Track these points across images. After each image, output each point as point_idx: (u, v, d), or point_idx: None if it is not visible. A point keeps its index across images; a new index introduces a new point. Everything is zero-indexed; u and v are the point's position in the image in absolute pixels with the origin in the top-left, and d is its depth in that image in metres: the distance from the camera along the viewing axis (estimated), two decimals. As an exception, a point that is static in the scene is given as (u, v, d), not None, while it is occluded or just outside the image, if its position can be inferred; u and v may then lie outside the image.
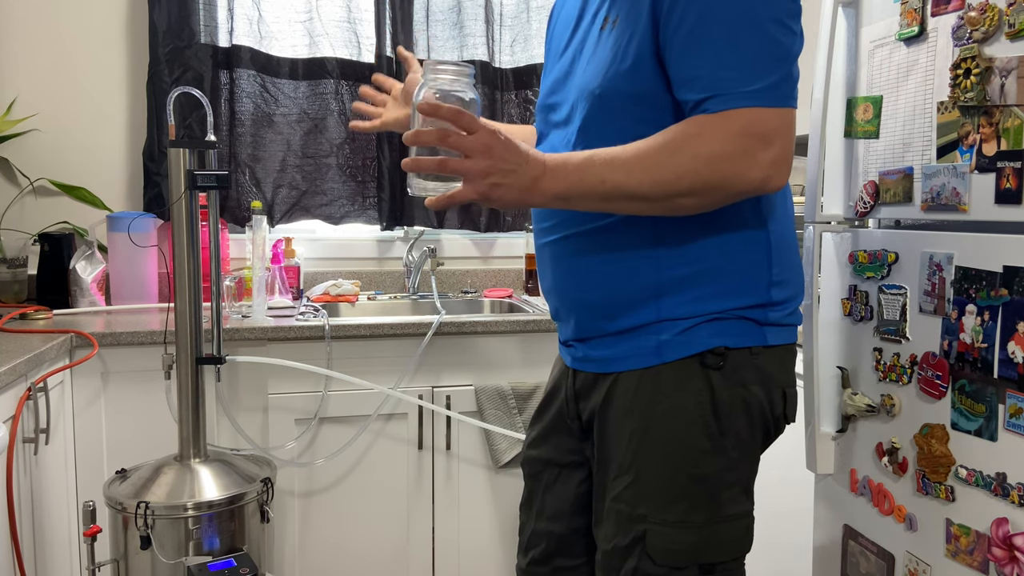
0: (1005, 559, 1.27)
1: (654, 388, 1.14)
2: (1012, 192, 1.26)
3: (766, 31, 1.03)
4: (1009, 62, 1.26)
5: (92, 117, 2.40)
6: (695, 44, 1.02)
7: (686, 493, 1.14)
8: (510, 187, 1.02)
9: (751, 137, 1.00)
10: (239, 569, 1.53)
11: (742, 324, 1.14)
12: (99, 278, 2.25)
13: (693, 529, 1.14)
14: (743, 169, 1.01)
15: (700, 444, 1.13)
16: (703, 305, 1.13)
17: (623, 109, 1.10)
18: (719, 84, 1.01)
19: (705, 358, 1.13)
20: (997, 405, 1.28)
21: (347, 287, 2.45)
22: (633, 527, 1.15)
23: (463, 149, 1.00)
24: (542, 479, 1.35)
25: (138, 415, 1.93)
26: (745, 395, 1.14)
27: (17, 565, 1.51)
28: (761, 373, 1.15)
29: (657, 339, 1.14)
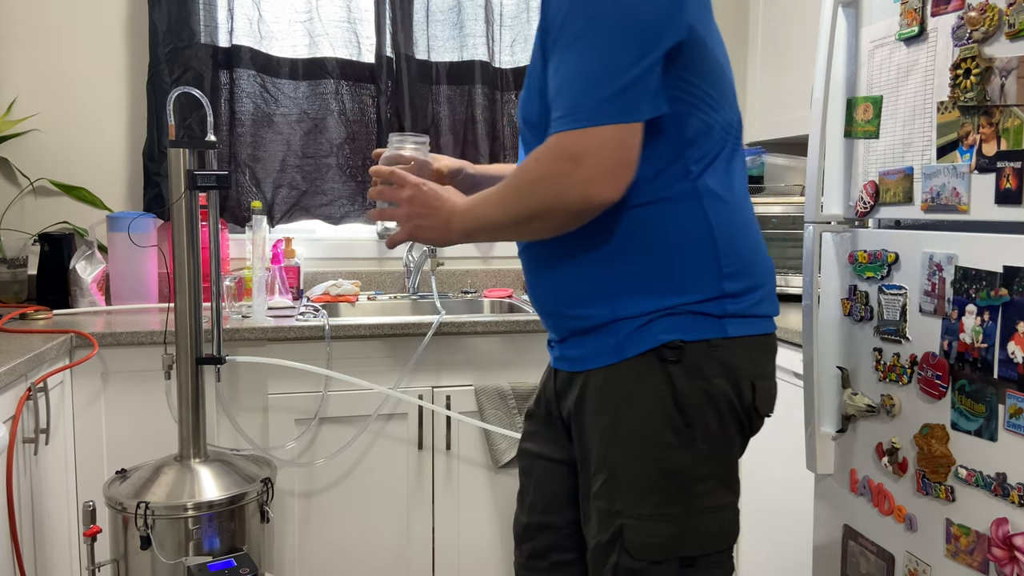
0: (1005, 559, 1.27)
1: (617, 385, 1.18)
2: (1012, 192, 1.26)
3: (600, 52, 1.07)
4: (1009, 62, 1.26)
5: (92, 117, 2.40)
6: (555, 72, 1.12)
7: (657, 487, 1.16)
8: (429, 228, 1.23)
9: (561, 160, 1.08)
10: (239, 569, 1.53)
11: (696, 318, 1.17)
12: (99, 278, 2.25)
13: (669, 522, 1.16)
14: (559, 191, 1.09)
15: (665, 438, 1.16)
16: (655, 302, 1.16)
17: (538, 129, 1.19)
18: (556, 112, 1.10)
19: (661, 352, 1.15)
20: (997, 405, 1.28)
21: (347, 287, 2.45)
22: (612, 523, 1.18)
23: (393, 200, 1.26)
24: (534, 473, 1.39)
25: (138, 415, 1.93)
26: (708, 388, 1.16)
27: (17, 565, 1.51)
28: (724, 366, 1.17)
29: (616, 337, 1.18)
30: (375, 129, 2.53)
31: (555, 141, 1.09)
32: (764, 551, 2.14)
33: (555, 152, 1.09)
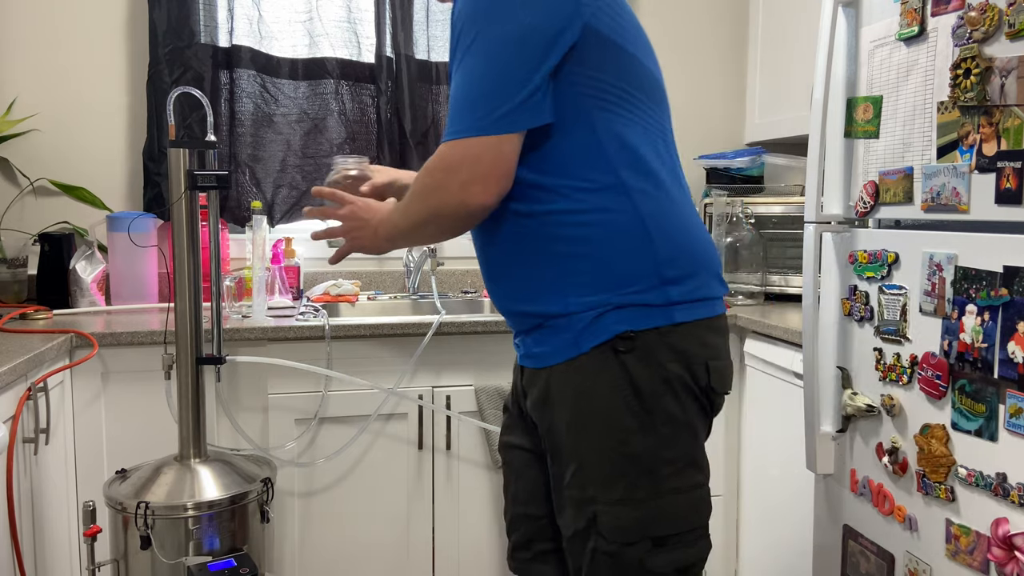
0: (1005, 559, 1.27)
1: (577, 378, 1.24)
2: (1012, 192, 1.26)
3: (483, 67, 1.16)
4: (1009, 62, 1.26)
5: (92, 117, 2.40)
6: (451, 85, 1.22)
7: (623, 472, 1.22)
8: (363, 238, 1.38)
9: (439, 171, 1.20)
10: (239, 569, 1.53)
11: (642, 309, 1.22)
12: (99, 278, 2.25)
13: (635, 505, 1.22)
14: (438, 200, 1.21)
15: (626, 424, 1.21)
16: (601, 296, 1.22)
17: None
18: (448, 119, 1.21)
19: (615, 343, 1.21)
20: (997, 405, 1.28)
21: (347, 287, 2.45)
22: (586, 510, 1.24)
23: (336, 219, 1.41)
24: (514, 465, 1.45)
25: (138, 415, 1.93)
26: (663, 373, 1.21)
27: (17, 565, 1.51)
28: (676, 351, 1.22)
29: (573, 332, 1.23)
30: (375, 129, 2.53)
31: (438, 152, 1.20)
32: (764, 551, 2.14)
33: (436, 163, 1.20)
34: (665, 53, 2.80)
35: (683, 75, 2.82)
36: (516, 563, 1.47)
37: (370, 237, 1.37)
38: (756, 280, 2.38)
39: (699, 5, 2.82)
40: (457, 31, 1.20)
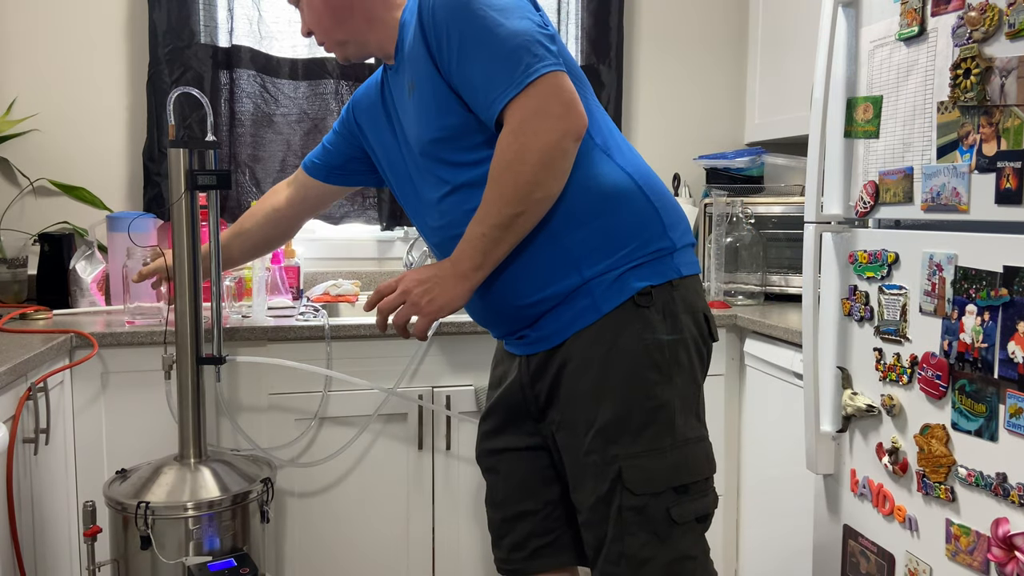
0: (1005, 559, 1.27)
1: (601, 339, 1.27)
2: (1012, 192, 1.26)
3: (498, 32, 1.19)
4: (1009, 62, 1.26)
5: (92, 117, 2.40)
6: (464, 71, 1.23)
7: (648, 423, 1.26)
8: (440, 293, 1.26)
9: (527, 120, 1.18)
10: (239, 569, 1.53)
11: (658, 262, 1.28)
12: (99, 278, 2.25)
13: (661, 455, 1.26)
14: (542, 143, 1.18)
15: (651, 376, 1.26)
16: (616, 252, 1.27)
17: (454, 140, 1.29)
18: (488, 95, 1.20)
19: (637, 299, 1.26)
20: (997, 405, 1.28)
21: (347, 287, 2.45)
22: (609, 470, 1.26)
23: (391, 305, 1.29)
24: (500, 469, 1.46)
25: (138, 415, 1.93)
26: (678, 324, 1.28)
27: (17, 565, 1.51)
28: (684, 302, 1.30)
29: (591, 297, 1.27)
30: (375, 129, 2.53)
31: (511, 114, 1.18)
32: (764, 551, 2.14)
33: (515, 124, 1.18)
34: (665, 53, 2.80)
35: (683, 75, 2.82)
36: (512, 564, 1.47)
37: (450, 286, 1.26)
38: (756, 280, 2.38)
39: (699, 5, 2.82)
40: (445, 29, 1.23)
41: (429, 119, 1.30)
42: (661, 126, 2.82)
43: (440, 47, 1.24)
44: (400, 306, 1.28)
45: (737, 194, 2.49)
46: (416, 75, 1.31)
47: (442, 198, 1.34)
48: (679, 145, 2.82)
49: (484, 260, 1.24)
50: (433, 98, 1.28)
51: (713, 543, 2.32)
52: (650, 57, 2.79)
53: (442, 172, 1.33)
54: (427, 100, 1.29)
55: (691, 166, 2.79)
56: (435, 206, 1.37)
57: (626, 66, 2.74)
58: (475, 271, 1.25)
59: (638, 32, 2.78)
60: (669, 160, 2.80)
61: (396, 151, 1.47)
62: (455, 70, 1.24)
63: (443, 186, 1.34)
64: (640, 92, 2.80)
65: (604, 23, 2.64)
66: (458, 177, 1.31)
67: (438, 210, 1.36)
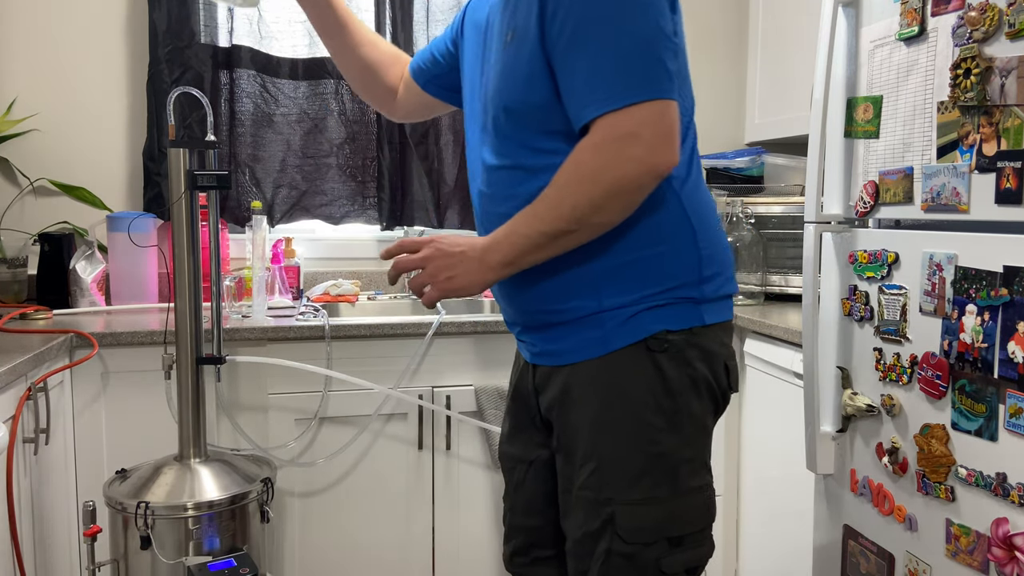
0: (1005, 559, 1.27)
1: (606, 376, 1.20)
2: (1012, 192, 1.26)
3: (627, 29, 1.08)
4: (1009, 62, 1.26)
5: (92, 117, 2.40)
6: (568, 56, 1.11)
7: (647, 471, 1.19)
8: (462, 275, 1.18)
9: (616, 141, 1.08)
10: (239, 569, 1.53)
11: (680, 307, 1.21)
12: (99, 278, 2.25)
13: (657, 505, 1.20)
14: (622, 172, 1.09)
15: (655, 423, 1.19)
16: (640, 291, 1.19)
17: (529, 119, 1.18)
18: (585, 95, 1.10)
19: (649, 343, 1.19)
20: (997, 405, 1.28)
21: (347, 287, 2.45)
22: (601, 511, 1.21)
23: (409, 265, 1.21)
24: (513, 476, 1.42)
25: (138, 415, 1.93)
26: (691, 373, 1.21)
27: (17, 565, 1.51)
28: (702, 350, 1.22)
29: (602, 329, 1.20)
30: (375, 129, 2.53)
31: (601, 127, 1.09)
32: (764, 551, 2.14)
33: (604, 136, 1.09)
34: (665, 53, 2.80)
35: (683, 75, 2.82)
36: (515, 567, 1.46)
37: (472, 271, 1.18)
38: (756, 280, 2.38)
39: (699, 5, 2.82)
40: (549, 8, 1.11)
41: (512, 85, 1.18)
42: (661, 126, 2.81)
43: (555, 16, 1.11)
44: (418, 270, 1.21)
45: (737, 194, 2.49)
46: (517, 28, 1.17)
47: (496, 168, 1.24)
48: (679, 145, 2.82)
49: (517, 261, 1.17)
50: (527, 64, 1.15)
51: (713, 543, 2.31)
52: (650, 57, 2.79)
53: (504, 144, 1.22)
54: (518, 63, 1.17)
55: (691, 166, 2.78)
56: (487, 171, 1.27)
57: (626, 66, 2.74)
58: (503, 267, 1.18)
59: (638, 32, 2.78)
60: (669, 160, 2.80)
61: (476, 86, 1.32)
62: (561, 50, 1.11)
63: (500, 157, 1.23)
64: (640, 92, 2.79)
65: (604, 23, 2.64)
66: (519, 158, 1.21)
67: (488, 177, 1.26)
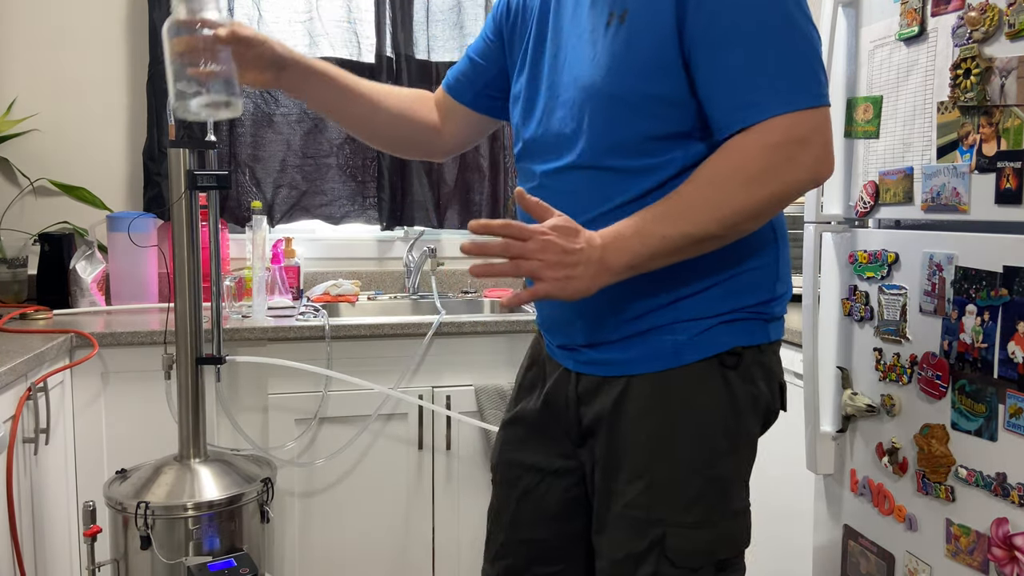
0: (1005, 559, 1.27)
1: (674, 391, 1.12)
2: (1012, 192, 1.26)
3: (792, 30, 1.01)
4: (1009, 62, 1.26)
5: (92, 117, 2.40)
6: (723, 51, 1.01)
7: (703, 494, 1.12)
8: (580, 277, 1.01)
9: (790, 144, 1.00)
10: (239, 569, 1.53)
11: (754, 323, 1.14)
12: (99, 278, 2.25)
13: (711, 528, 1.13)
14: (791, 178, 1.02)
15: (719, 445, 1.12)
16: (719, 304, 1.12)
17: (641, 113, 1.06)
18: (751, 94, 1.01)
19: (723, 359, 1.12)
20: (997, 405, 1.28)
21: (347, 287, 2.45)
22: (650, 531, 1.12)
23: (522, 254, 1.01)
24: (519, 485, 1.28)
25: (138, 415, 1.93)
26: (755, 392, 1.15)
27: (17, 565, 1.51)
28: (765, 369, 1.16)
29: (674, 340, 1.12)
30: (375, 129, 2.53)
31: (774, 128, 1.00)
32: (764, 551, 2.14)
33: (784, 136, 1.00)
34: (665, 53, 2.80)
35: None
36: None
37: (592, 275, 1.02)
38: (756, 280, 2.37)
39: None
40: None
41: (631, 72, 1.05)
42: (661, 126, 2.81)
43: (702, 3, 1.01)
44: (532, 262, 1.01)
45: (737, 194, 2.48)
46: (633, 7, 1.05)
47: (572, 168, 1.11)
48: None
49: (643, 265, 1.03)
50: (653, 51, 1.04)
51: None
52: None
53: (599, 142, 1.09)
54: (639, 49, 1.04)
55: (691, 166, 2.78)
56: (556, 170, 1.13)
57: (626, 66, 2.74)
58: (626, 271, 1.03)
59: (638, 32, 2.78)
60: (669, 160, 2.80)
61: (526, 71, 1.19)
62: (712, 42, 1.01)
63: (585, 156, 1.10)
64: (640, 92, 2.79)
65: (604, 23, 2.64)
66: (615, 159, 1.08)
67: (558, 175, 1.13)
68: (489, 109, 1.34)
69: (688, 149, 1.07)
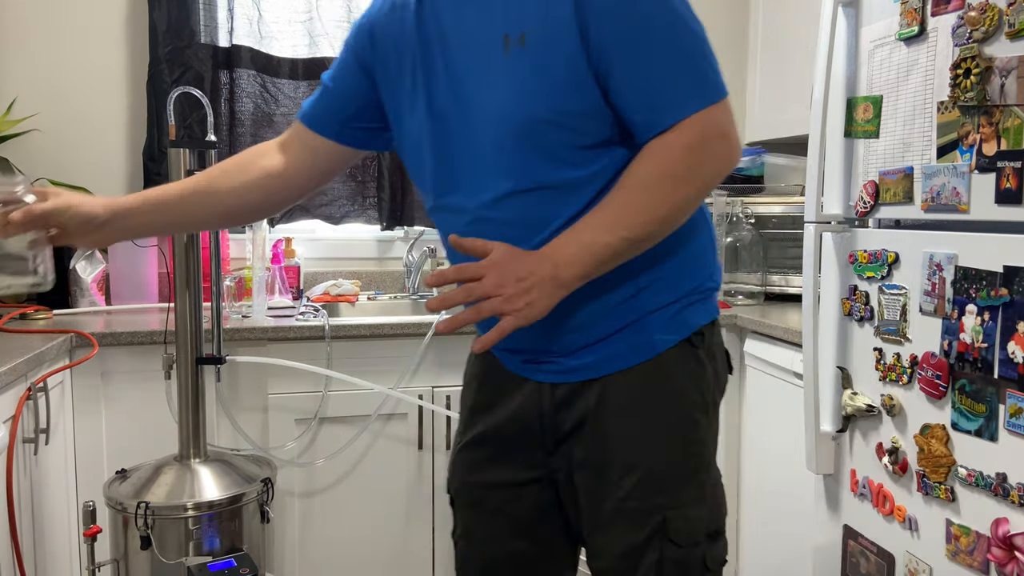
0: (1005, 559, 1.27)
1: (654, 380, 1.16)
2: (1012, 192, 1.26)
3: (686, 30, 1.07)
4: (1009, 62, 1.26)
5: (92, 117, 2.40)
6: (632, 59, 1.05)
7: (694, 471, 1.18)
8: (538, 298, 1.03)
9: (709, 139, 1.05)
10: (239, 569, 1.53)
11: (708, 301, 1.21)
12: (99, 278, 2.25)
13: (702, 501, 1.18)
14: (714, 169, 1.07)
15: (701, 420, 1.19)
16: (676, 288, 1.17)
17: (564, 130, 1.08)
18: (664, 97, 1.05)
19: (692, 340, 1.17)
20: (997, 405, 1.28)
21: (347, 287, 2.45)
22: (649, 520, 1.15)
23: (484, 294, 1.03)
24: (488, 505, 1.27)
25: (138, 415, 1.93)
26: (716, 366, 1.21)
27: (17, 565, 1.51)
28: (718, 341, 1.23)
29: (648, 334, 1.16)
30: (375, 129, 2.53)
31: (693, 125, 1.04)
32: (764, 551, 2.14)
33: (706, 133, 1.05)
34: (665, 53, 2.80)
35: (683, 75, 2.82)
36: None
37: (549, 293, 1.04)
38: (756, 280, 2.38)
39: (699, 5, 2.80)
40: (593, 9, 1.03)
41: (545, 93, 1.05)
42: (661, 126, 2.81)
43: (603, 16, 1.02)
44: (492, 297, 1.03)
45: (737, 194, 2.49)
46: (531, 29, 1.05)
47: (512, 195, 1.10)
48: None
49: (592, 273, 1.06)
50: (564, 69, 1.04)
51: (713, 543, 2.29)
52: (650, 57, 2.79)
53: (530, 164, 1.09)
54: (550, 69, 1.05)
55: (691, 166, 2.78)
56: (492, 201, 1.11)
57: (626, 66, 2.74)
58: (578, 282, 1.05)
59: (638, 32, 2.78)
60: (669, 160, 2.80)
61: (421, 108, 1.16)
62: (620, 52, 1.03)
63: (521, 181, 1.09)
64: (640, 92, 2.79)
65: (604, 23, 2.64)
66: (551, 175, 1.09)
67: (495, 206, 1.11)
68: (356, 141, 1.30)
69: (614, 154, 1.10)
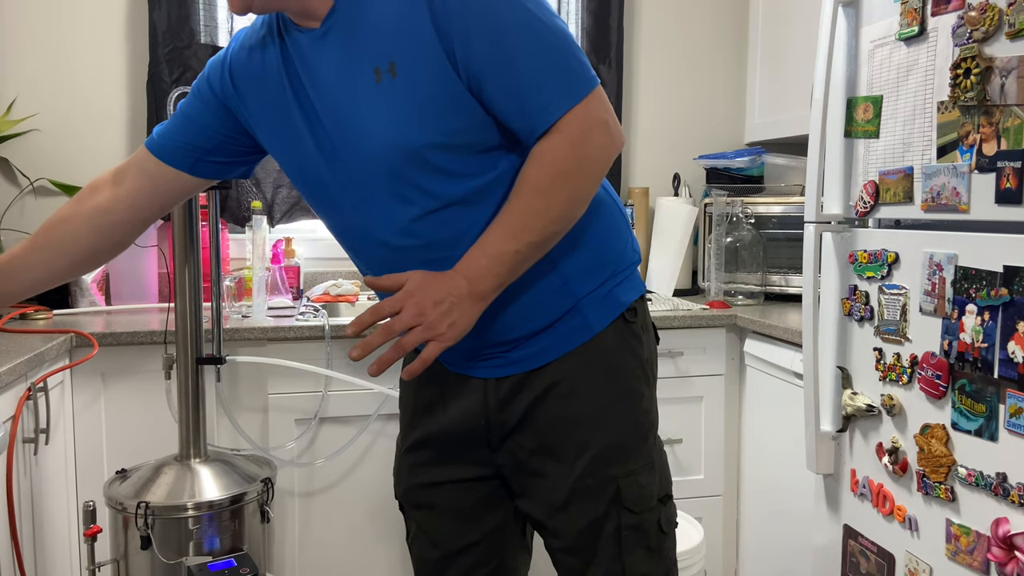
0: (1005, 559, 1.27)
1: (594, 360, 1.22)
2: (1012, 192, 1.26)
3: (544, 28, 1.08)
4: (1009, 62, 1.26)
5: (92, 117, 2.40)
6: (501, 69, 1.06)
7: (642, 437, 1.25)
8: (460, 316, 1.06)
9: (592, 131, 1.07)
10: (239, 569, 1.53)
11: (633, 277, 1.27)
12: (99, 278, 2.25)
13: (651, 468, 1.25)
14: (602, 157, 1.09)
15: (643, 390, 1.26)
16: (606, 268, 1.22)
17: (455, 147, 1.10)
18: (539, 99, 1.06)
19: (626, 316, 1.24)
20: (997, 405, 1.28)
21: (347, 287, 2.45)
22: (605, 492, 1.22)
23: (405, 327, 1.05)
24: (437, 504, 1.31)
25: (138, 415, 1.93)
26: (649, 338, 1.29)
27: (17, 565, 1.51)
28: (647, 312, 1.30)
29: (583, 316, 1.21)
30: (375, 129, 2.53)
31: (569, 123, 1.06)
32: (764, 551, 2.14)
33: (585, 126, 1.07)
34: (665, 53, 2.80)
35: (684, 75, 2.82)
36: None
37: (468, 310, 1.06)
38: (756, 280, 2.38)
39: (699, 5, 2.82)
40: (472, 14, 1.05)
41: (427, 117, 1.08)
42: (661, 126, 2.82)
43: (467, 34, 1.04)
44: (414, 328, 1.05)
45: (737, 194, 2.49)
46: (399, 58, 1.07)
47: (422, 217, 1.12)
48: (679, 145, 2.82)
49: (507, 280, 1.08)
50: (441, 92, 1.07)
51: (713, 543, 2.32)
52: (650, 57, 2.79)
53: (432, 185, 1.11)
54: (425, 95, 1.07)
55: (691, 166, 2.79)
56: (404, 227, 1.13)
57: (626, 66, 2.74)
58: (493, 292, 1.08)
59: (638, 32, 2.78)
60: (669, 160, 2.81)
61: (310, 148, 1.17)
62: (489, 64, 1.05)
63: (428, 202, 1.11)
64: (640, 92, 2.80)
65: (604, 22, 2.65)
66: (454, 191, 1.11)
67: (408, 231, 1.13)
68: (208, 173, 1.30)
69: (509, 157, 1.13)
